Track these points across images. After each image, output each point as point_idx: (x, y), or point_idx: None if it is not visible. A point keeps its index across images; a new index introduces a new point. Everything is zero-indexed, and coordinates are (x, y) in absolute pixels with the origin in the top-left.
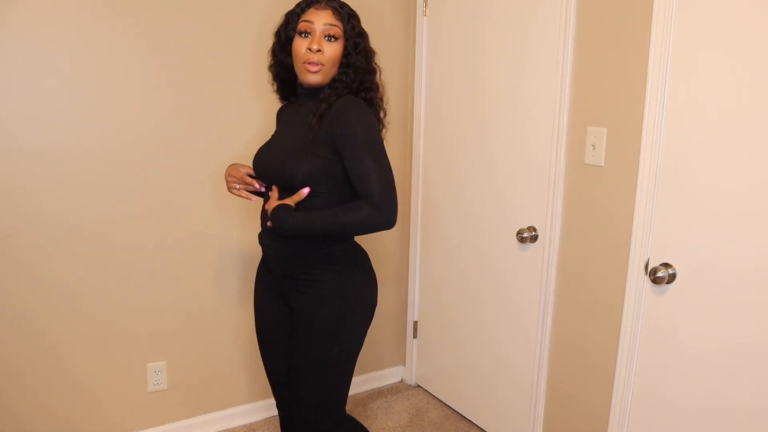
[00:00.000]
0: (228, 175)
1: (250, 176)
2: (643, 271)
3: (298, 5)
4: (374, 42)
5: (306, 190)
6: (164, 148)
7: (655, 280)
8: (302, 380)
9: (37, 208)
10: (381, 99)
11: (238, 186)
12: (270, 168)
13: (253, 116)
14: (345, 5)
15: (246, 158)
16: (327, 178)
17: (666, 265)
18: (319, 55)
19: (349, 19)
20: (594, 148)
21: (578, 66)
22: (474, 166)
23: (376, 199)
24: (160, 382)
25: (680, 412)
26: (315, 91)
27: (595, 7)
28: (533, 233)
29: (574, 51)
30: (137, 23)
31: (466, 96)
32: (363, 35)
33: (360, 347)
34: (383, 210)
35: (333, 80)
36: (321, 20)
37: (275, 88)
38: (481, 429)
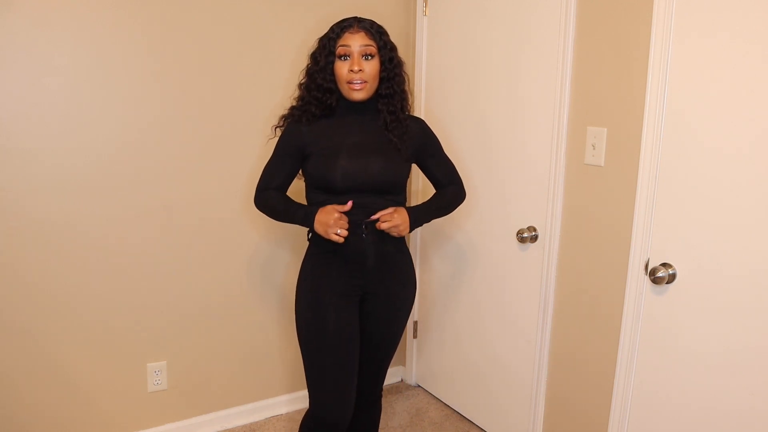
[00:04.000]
0: (334, 224)
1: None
2: (643, 271)
3: (332, 30)
4: None
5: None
6: (166, 148)
7: (655, 280)
8: (382, 353)
9: (37, 209)
10: (408, 104)
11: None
12: (377, 175)
13: (259, 121)
14: (374, 23)
15: (247, 164)
16: (407, 179)
17: (666, 265)
18: (360, 74)
19: (381, 36)
20: (594, 148)
21: (578, 66)
22: (474, 166)
23: (459, 181)
24: (160, 382)
25: (680, 412)
26: (361, 105)
27: (595, 7)
28: (533, 233)
29: (574, 51)
30: (143, 21)
31: (466, 96)
32: (394, 48)
33: None
34: (462, 186)
35: (381, 96)
36: (357, 42)
37: (298, 104)
38: (481, 429)
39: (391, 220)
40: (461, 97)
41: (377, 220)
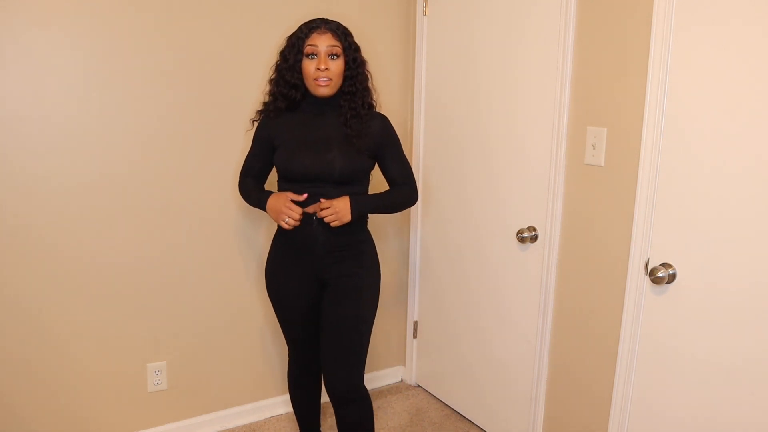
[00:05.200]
0: (283, 212)
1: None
2: (643, 271)
3: (300, 30)
4: (375, 42)
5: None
6: (166, 149)
7: (655, 280)
8: (345, 339)
9: (39, 209)
10: (373, 100)
11: (293, 218)
12: (333, 167)
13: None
14: (340, 25)
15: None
16: (367, 172)
17: (666, 265)
18: (326, 72)
19: (346, 38)
20: (594, 148)
21: (578, 66)
22: (474, 166)
23: (413, 183)
24: (160, 382)
25: (680, 411)
26: (326, 101)
27: (595, 7)
28: (533, 233)
29: (574, 51)
30: (139, 23)
31: (466, 96)
32: (358, 49)
33: None
34: (415, 189)
35: (344, 92)
36: (324, 43)
37: (269, 99)
38: (481, 429)
39: (330, 208)
40: (461, 97)
41: (326, 214)
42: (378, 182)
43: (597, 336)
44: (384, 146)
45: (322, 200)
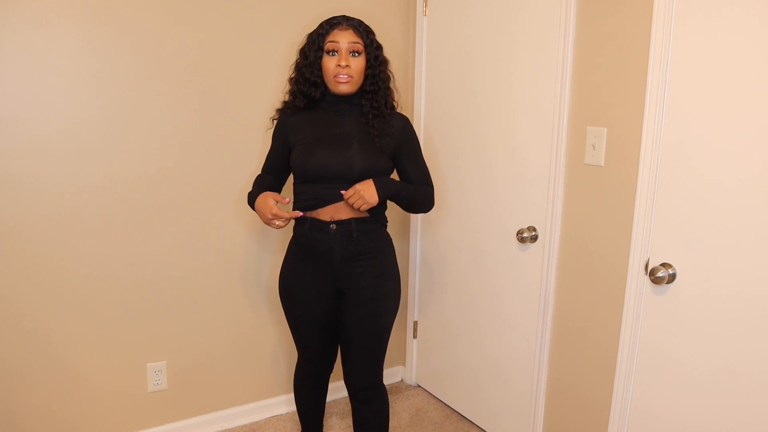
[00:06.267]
0: (272, 218)
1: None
2: (643, 271)
3: (321, 27)
4: None
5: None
6: (169, 150)
7: (655, 280)
8: (366, 343)
9: (38, 208)
10: (395, 100)
11: (278, 222)
12: (354, 166)
13: (255, 121)
14: (362, 23)
15: (245, 167)
16: (386, 173)
17: (666, 265)
18: (347, 69)
19: (368, 35)
20: (594, 148)
21: (578, 66)
22: (474, 166)
23: (432, 187)
24: (160, 382)
25: (679, 411)
26: (345, 99)
27: (595, 7)
28: (533, 233)
29: (574, 51)
30: (143, 21)
31: (466, 96)
32: (380, 47)
33: None
34: (433, 195)
35: (366, 92)
36: (345, 39)
37: (288, 98)
38: (481, 429)
39: (354, 194)
40: (461, 97)
41: (352, 200)
42: None
43: (597, 336)
44: (403, 147)
45: (341, 191)
